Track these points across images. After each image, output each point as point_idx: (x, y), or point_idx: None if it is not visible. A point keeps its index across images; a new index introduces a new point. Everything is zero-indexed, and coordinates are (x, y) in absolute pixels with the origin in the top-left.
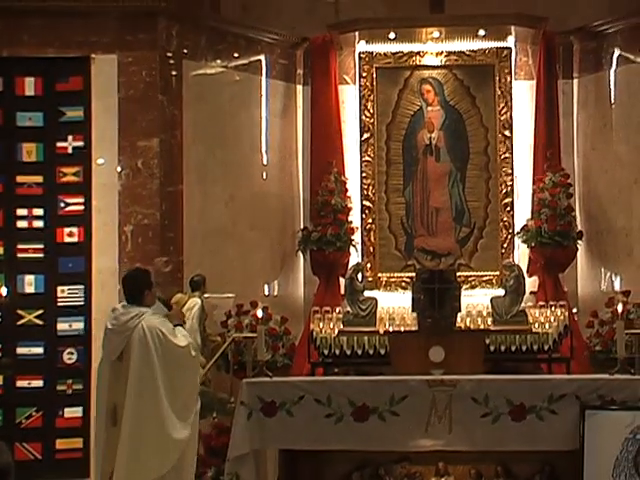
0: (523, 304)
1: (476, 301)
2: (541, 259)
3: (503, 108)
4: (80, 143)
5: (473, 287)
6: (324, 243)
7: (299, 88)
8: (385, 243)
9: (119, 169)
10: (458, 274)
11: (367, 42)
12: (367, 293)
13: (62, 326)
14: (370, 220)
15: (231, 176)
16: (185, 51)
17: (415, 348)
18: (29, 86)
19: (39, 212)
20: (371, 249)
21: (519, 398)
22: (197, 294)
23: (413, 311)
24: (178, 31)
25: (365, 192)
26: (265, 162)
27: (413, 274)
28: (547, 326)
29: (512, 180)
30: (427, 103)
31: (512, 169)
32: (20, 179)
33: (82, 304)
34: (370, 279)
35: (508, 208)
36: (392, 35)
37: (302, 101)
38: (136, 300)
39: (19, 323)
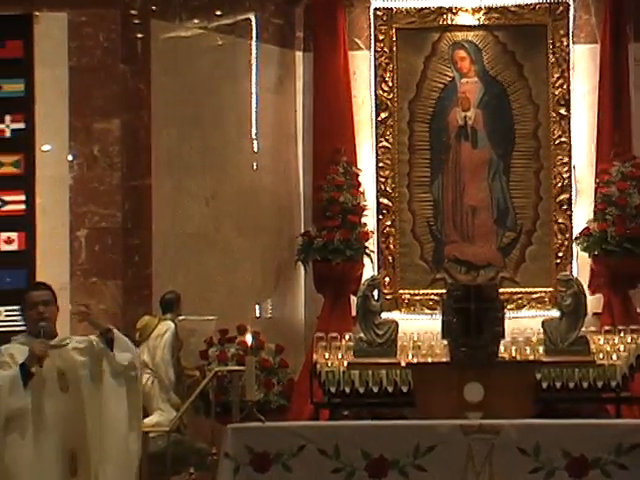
0: (584, 329)
1: (524, 325)
2: (607, 271)
3: (558, 80)
4: (20, 125)
5: (520, 307)
6: (330, 252)
7: (298, 55)
8: (408, 252)
9: (70, 158)
10: (501, 291)
11: None
12: (385, 315)
13: None
14: (388, 222)
15: (212, 167)
16: (154, 8)
17: (446, 385)
18: None
19: None
20: (390, 259)
21: (579, 449)
22: (169, 316)
23: (443, 338)
24: None
25: (382, 187)
26: (256, 149)
27: (443, 291)
28: (615, 357)
29: (569, 171)
30: (461, 74)
31: (570, 157)
32: None
33: (24, 330)
34: (389, 297)
35: (564, 207)
36: None
37: (302, 72)
38: None
39: None
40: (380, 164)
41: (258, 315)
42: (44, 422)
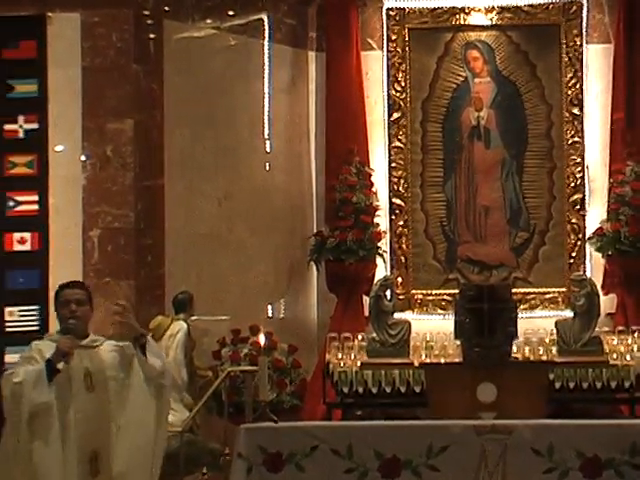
0: (597, 329)
1: (537, 325)
2: (620, 271)
3: (571, 79)
4: (34, 125)
5: (533, 307)
6: (343, 252)
7: (311, 55)
8: (420, 252)
9: (83, 158)
10: (514, 291)
11: None
12: (397, 315)
13: (11, 358)
14: (401, 222)
15: (225, 167)
16: (166, 8)
17: (459, 385)
18: None
19: None
20: (403, 259)
21: (593, 449)
22: (182, 316)
23: (456, 338)
24: None
25: (395, 187)
26: (268, 149)
27: (456, 291)
28: (628, 357)
29: (583, 171)
30: (474, 74)
31: (583, 157)
32: None
33: (37, 329)
34: (402, 297)
35: (578, 207)
36: None
37: (315, 72)
38: None
39: None
40: (393, 164)
41: (271, 315)
42: (68, 421)
